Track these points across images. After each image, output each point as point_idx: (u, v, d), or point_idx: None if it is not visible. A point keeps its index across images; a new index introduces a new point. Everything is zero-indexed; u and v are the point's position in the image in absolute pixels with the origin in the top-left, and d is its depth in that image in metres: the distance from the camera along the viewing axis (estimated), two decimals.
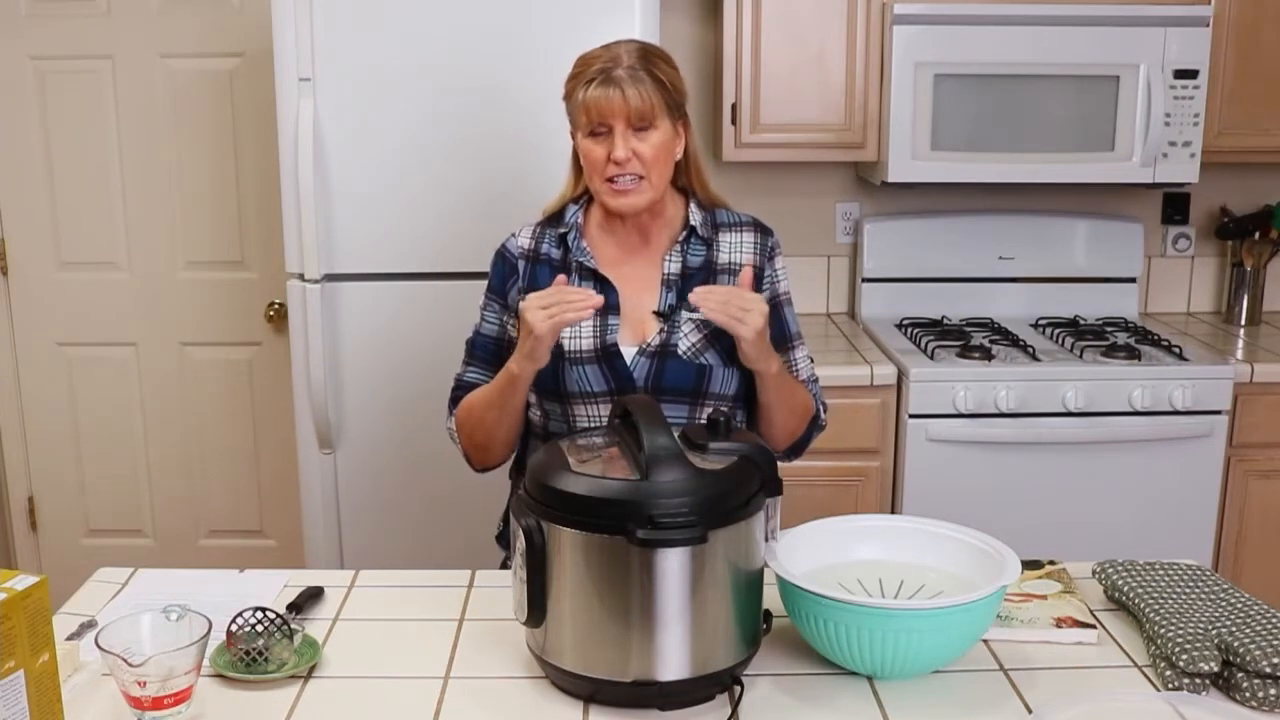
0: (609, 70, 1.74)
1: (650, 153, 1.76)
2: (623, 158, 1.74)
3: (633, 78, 1.74)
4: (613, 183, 1.77)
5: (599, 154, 1.76)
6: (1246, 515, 2.95)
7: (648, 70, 1.75)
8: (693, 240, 1.86)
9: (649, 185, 1.78)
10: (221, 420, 3.56)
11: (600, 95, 1.73)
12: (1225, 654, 1.38)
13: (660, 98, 1.75)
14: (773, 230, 1.94)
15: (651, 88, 1.74)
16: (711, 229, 1.88)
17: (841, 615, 1.36)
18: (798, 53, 3.04)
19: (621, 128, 1.74)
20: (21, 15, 3.32)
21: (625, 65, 1.75)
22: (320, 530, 2.81)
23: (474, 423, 1.86)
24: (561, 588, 1.35)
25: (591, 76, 1.75)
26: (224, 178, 3.41)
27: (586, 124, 1.77)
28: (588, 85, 1.75)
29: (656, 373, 1.80)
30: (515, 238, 1.91)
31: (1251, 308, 3.40)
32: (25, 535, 3.66)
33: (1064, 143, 3.01)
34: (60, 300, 3.49)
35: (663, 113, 1.76)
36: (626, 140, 1.74)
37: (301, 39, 2.59)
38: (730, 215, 1.92)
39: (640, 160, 1.75)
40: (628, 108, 1.73)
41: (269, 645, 1.45)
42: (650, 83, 1.75)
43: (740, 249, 1.88)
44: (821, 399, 1.97)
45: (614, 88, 1.73)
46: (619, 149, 1.74)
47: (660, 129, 1.77)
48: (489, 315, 1.91)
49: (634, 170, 1.76)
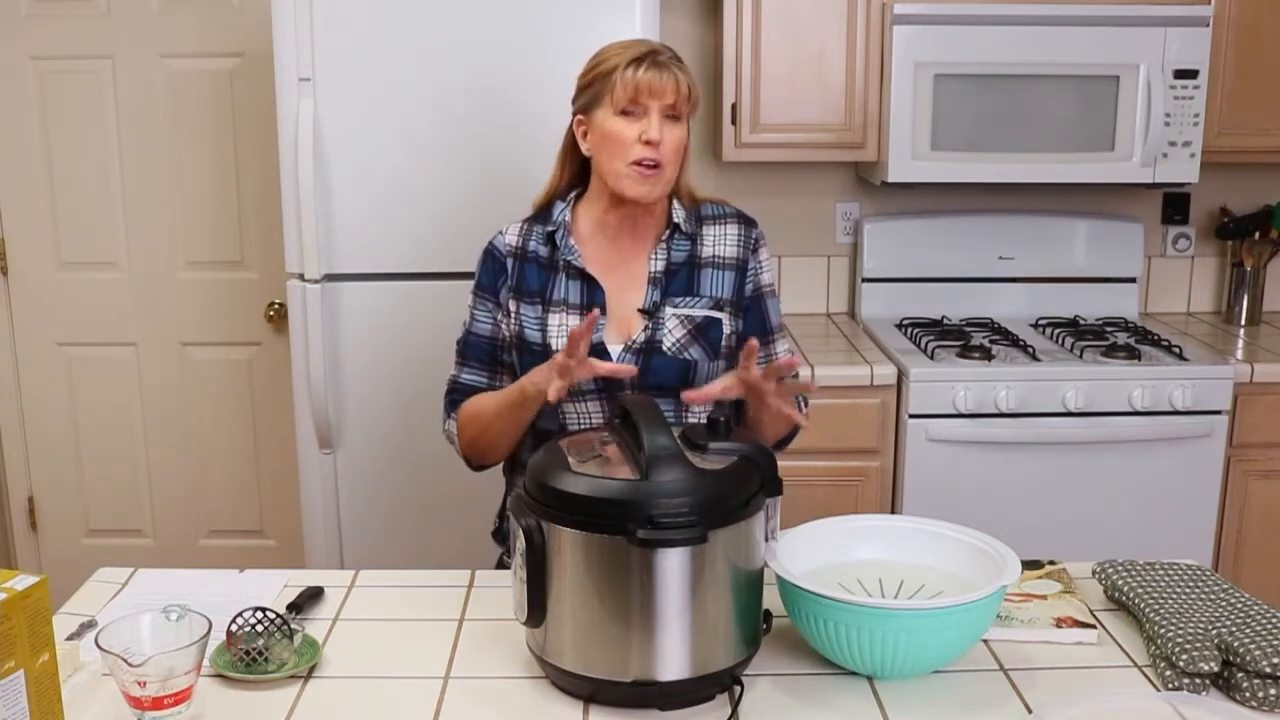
0: (656, 54, 1.77)
1: (673, 144, 1.78)
2: (656, 138, 1.75)
3: (678, 67, 1.78)
4: (640, 165, 1.77)
5: (630, 133, 1.76)
6: (1246, 515, 2.95)
7: (680, 66, 1.80)
8: (677, 236, 1.88)
9: (662, 177, 1.79)
10: (221, 420, 3.56)
11: (653, 77, 1.75)
12: (1225, 654, 1.38)
13: (690, 94, 1.79)
14: (756, 222, 1.95)
15: (686, 82, 1.79)
16: (696, 223, 1.89)
17: (841, 615, 1.36)
18: (798, 53, 3.04)
19: (658, 111, 1.76)
20: (21, 15, 3.32)
21: (668, 55, 1.78)
22: (320, 530, 2.81)
23: (479, 430, 1.86)
24: (561, 588, 1.35)
25: (639, 56, 1.76)
26: (224, 178, 3.41)
27: (622, 102, 1.76)
28: (636, 65, 1.76)
29: (642, 369, 1.81)
30: (503, 235, 1.91)
31: (1251, 308, 3.40)
32: (25, 535, 3.66)
33: (1064, 143, 3.01)
34: (60, 300, 3.49)
35: (689, 111, 1.80)
36: (660, 125, 1.76)
37: (301, 39, 2.59)
38: (714, 208, 1.93)
39: (663, 150, 1.77)
40: (677, 93, 1.76)
41: (269, 645, 1.45)
42: (685, 78, 1.79)
43: (724, 241, 1.90)
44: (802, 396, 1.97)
45: (665, 71, 1.76)
46: (654, 129, 1.75)
47: (683, 125, 1.80)
48: (480, 314, 1.92)
49: (658, 157, 1.77)
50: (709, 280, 1.87)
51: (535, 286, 1.87)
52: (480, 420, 1.86)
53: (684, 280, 1.86)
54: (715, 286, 1.87)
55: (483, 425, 1.86)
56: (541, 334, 1.84)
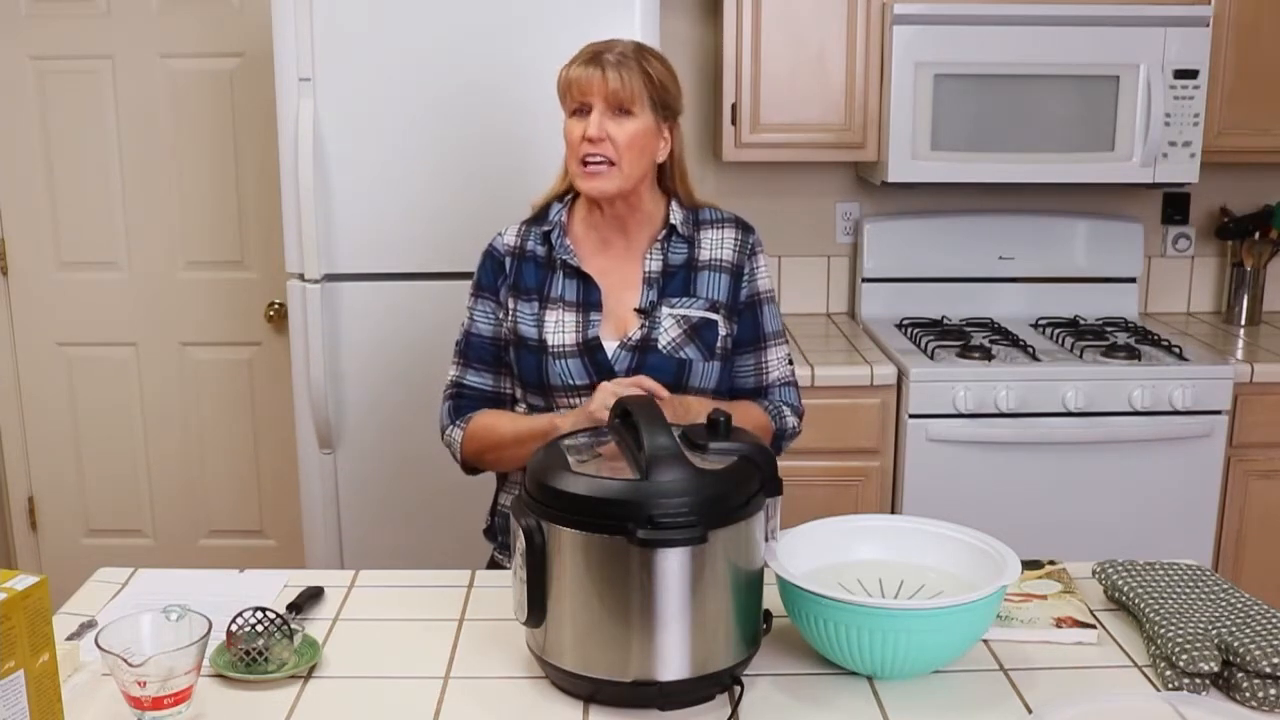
0: (599, 54, 1.79)
1: (624, 139, 1.78)
2: (595, 135, 1.77)
3: (619, 63, 1.78)
4: (585, 164, 1.79)
5: (576, 132, 1.80)
6: (1246, 515, 2.95)
7: (637, 61, 1.80)
8: (674, 239, 1.89)
9: (618, 172, 1.80)
10: (221, 420, 3.56)
11: (581, 73, 1.78)
12: (1225, 654, 1.38)
13: (644, 88, 1.79)
14: (754, 228, 1.96)
15: (636, 76, 1.78)
16: (693, 227, 1.91)
17: (841, 615, 1.36)
18: (798, 53, 3.04)
19: (600, 108, 1.78)
20: (21, 15, 3.32)
21: (616, 51, 1.80)
22: (320, 530, 2.81)
23: (490, 447, 1.87)
24: (561, 588, 1.35)
25: (581, 56, 1.81)
26: (224, 178, 3.41)
27: (570, 103, 1.81)
28: (573, 64, 1.81)
29: (637, 366, 1.82)
30: (502, 236, 1.94)
31: (1251, 308, 3.40)
32: (25, 535, 3.66)
33: (1064, 143, 3.01)
34: (60, 300, 3.49)
35: (644, 104, 1.79)
36: (603, 121, 1.78)
37: (301, 39, 2.59)
38: (713, 213, 1.94)
39: (614, 144, 1.78)
40: (606, 88, 1.77)
41: (269, 645, 1.45)
42: (636, 71, 1.79)
43: (721, 246, 1.91)
44: (794, 401, 1.95)
45: (596, 68, 1.78)
46: (593, 126, 1.77)
47: (640, 119, 1.79)
48: (480, 314, 1.93)
49: (606, 153, 1.78)
50: (705, 282, 1.88)
51: (532, 284, 1.88)
52: (493, 439, 1.87)
53: (681, 281, 1.88)
54: (711, 289, 1.88)
55: (495, 445, 1.87)
56: (538, 329, 1.85)
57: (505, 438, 1.85)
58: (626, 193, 1.83)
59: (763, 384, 1.93)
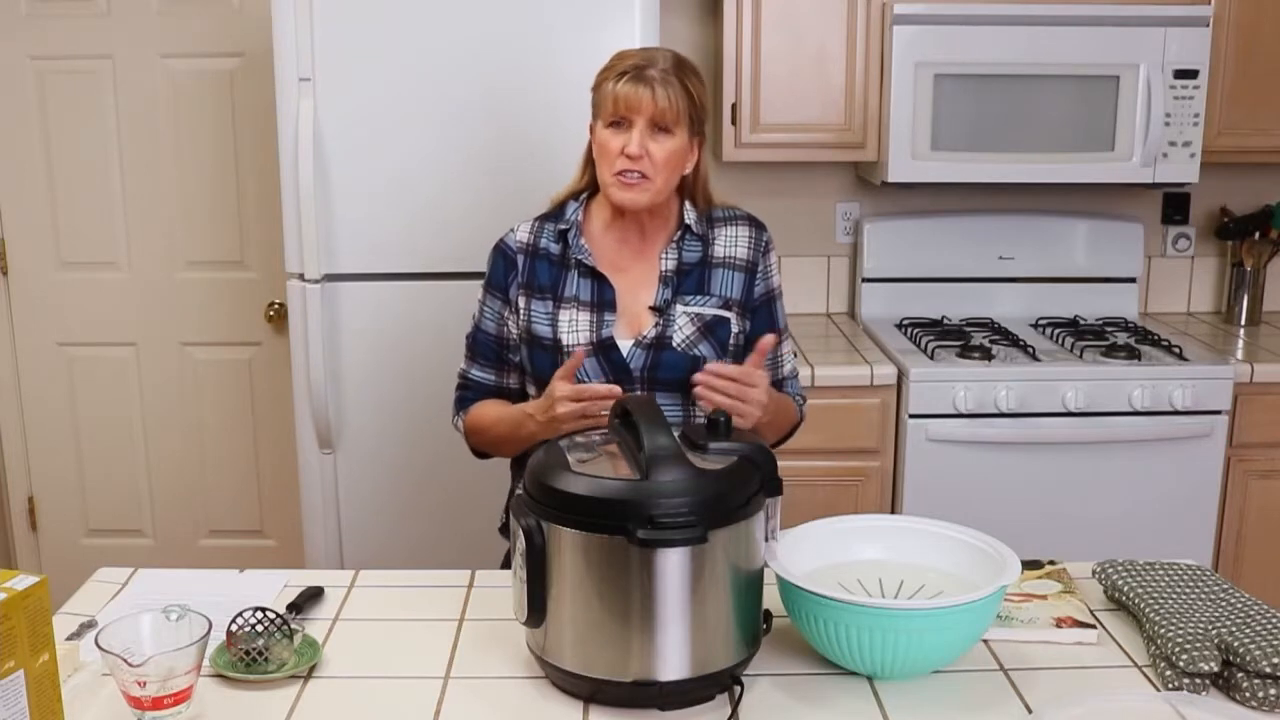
0: (643, 69, 1.79)
1: (662, 157, 1.80)
2: (635, 153, 1.78)
3: (664, 80, 1.78)
4: (621, 176, 1.80)
5: (614, 145, 1.80)
6: (1246, 515, 2.95)
7: (679, 78, 1.80)
8: (688, 238, 1.90)
9: (652, 186, 1.81)
10: (221, 420, 3.56)
11: (630, 91, 1.78)
12: (1225, 654, 1.38)
13: (685, 107, 1.80)
14: (766, 226, 1.98)
15: (680, 95, 1.79)
16: (707, 225, 1.92)
17: (841, 615, 1.36)
18: (798, 53, 3.04)
19: (643, 125, 1.78)
20: (21, 15, 3.32)
21: (660, 67, 1.79)
22: (320, 530, 2.81)
23: (483, 435, 1.95)
24: (561, 588, 1.35)
25: (625, 70, 1.80)
26: (224, 178, 3.41)
27: (610, 115, 1.80)
28: (619, 78, 1.79)
29: (652, 364, 1.84)
30: (514, 233, 1.94)
31: (1251, 308, 3.40)
32: (25, 535, 3.66)
33: (1064, 143, 3.01)
34: (60, 300, 3.49)
35: (684, 123, 1.81)
36: (644, 138, 1.78)
37: (301, 39, 2.59)
38: (725, 211, 1.96)
39: (651, 161, 1.79)
40: (654, 107, 1.78)
41: (269, 645, 1.45)
42: (680, 90, 1.79)
43: (736, 243, 1.93)
44: (799, 394, 2.02)
45: (645, 86, 1.78)
46: (634, 144, 1.78)
47: (678, 137, 1.81)
48: (488, 311, 1.94)
49: (643, 169, 1.79)
50: (720, 280, 1.90)
51: (546, 282, 1.89)
52: (482, 427, 1.94)
53: (695, 279, 1.89)
54: (725, 286, 1.90)
55: (485, 433, 1.94)
56: (552, 329, 1.86)
57: (493, 430, 1.92)
58: (655, 205, 1.85)
59: (778, 377, 1.97)
